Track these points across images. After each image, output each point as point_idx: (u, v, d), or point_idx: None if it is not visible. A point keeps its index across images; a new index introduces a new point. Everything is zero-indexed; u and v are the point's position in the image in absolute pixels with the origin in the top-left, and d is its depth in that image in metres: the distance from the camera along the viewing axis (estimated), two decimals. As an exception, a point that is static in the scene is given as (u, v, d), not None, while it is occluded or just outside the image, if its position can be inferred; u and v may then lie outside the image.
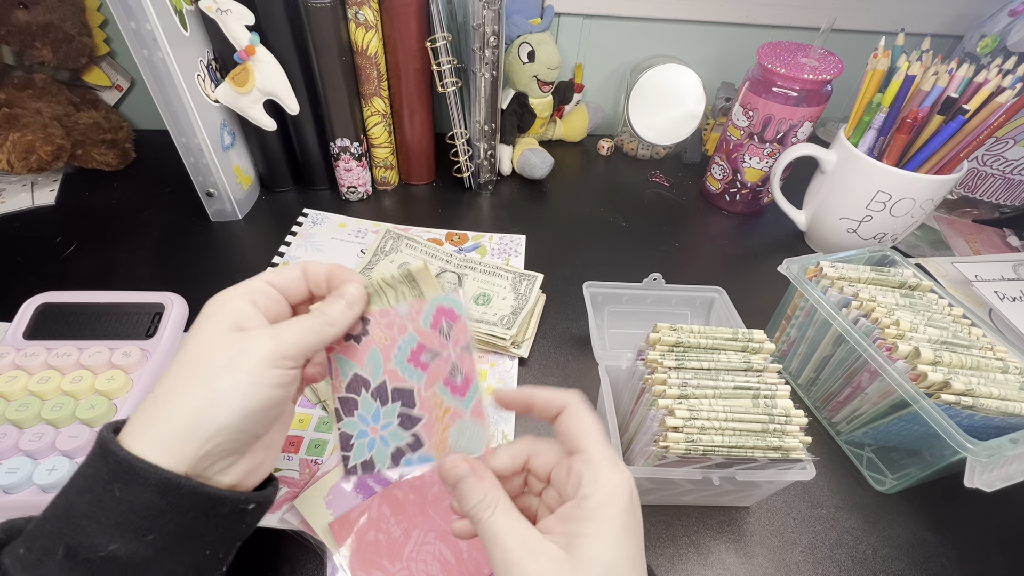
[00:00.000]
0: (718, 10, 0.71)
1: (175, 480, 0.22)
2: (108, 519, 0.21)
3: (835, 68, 0.57)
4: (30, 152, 0.58)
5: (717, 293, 0.48)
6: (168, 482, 0.22)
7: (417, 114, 0.63)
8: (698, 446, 0.31)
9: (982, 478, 0.33)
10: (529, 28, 0.66)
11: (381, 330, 0.34)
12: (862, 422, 0.42)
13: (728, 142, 0.65)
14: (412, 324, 0.34)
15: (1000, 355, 0.38)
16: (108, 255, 0.57)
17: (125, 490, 0.21)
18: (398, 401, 0.32)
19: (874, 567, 0.38)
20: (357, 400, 0.32)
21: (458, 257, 0.57)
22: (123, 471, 0.22)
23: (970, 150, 0.50)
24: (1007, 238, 0.68)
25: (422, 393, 0.32)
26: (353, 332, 0.32)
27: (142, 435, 0.23)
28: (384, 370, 0.32)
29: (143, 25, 0.46)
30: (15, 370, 0.41)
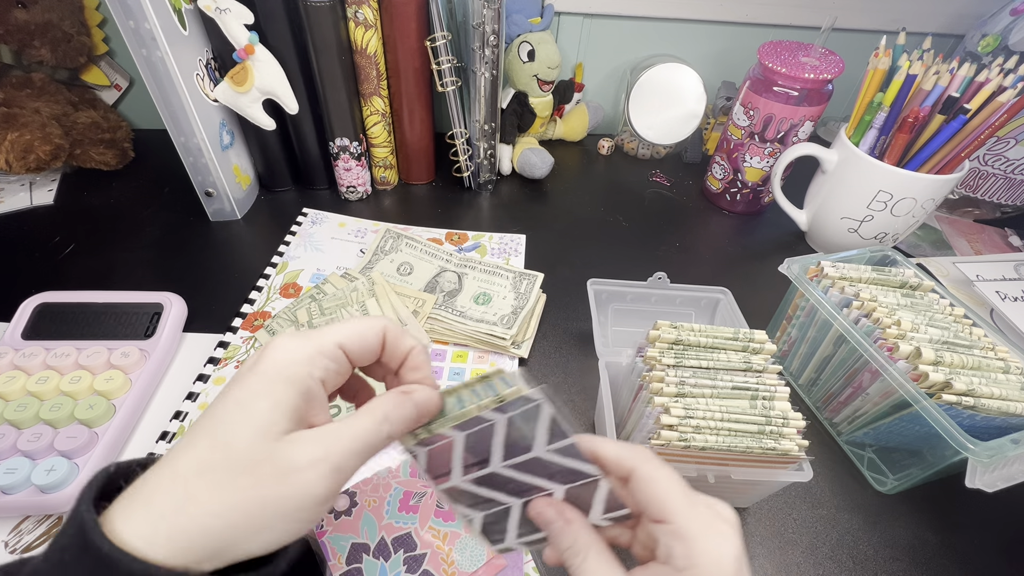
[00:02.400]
0: (719, 9, 0.71)
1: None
2: None
3: (836, 67, 0.56)
4: (28, 152, 0.58)
5: (722, 294, 0.48)
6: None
7: (417, 113, 0.63)
8: (692, 445, 0.31)
9: (983, 478, 0.33)
10: (529, 27, 0.66)
11: (367, 495, 0.37)
12: (863, 422, 0.42)
13: (729, 142, 0.65)
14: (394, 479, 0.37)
15: (1001, 355, 0.38)
16: (107, 255, 0.56)
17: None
18: (400, 549, 0.35)
19: (875, 567, 0.38)
20: (361, 568, 0.34)
21: (458, 256, 0.57)
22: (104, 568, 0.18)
23: (971, 150, 0.49)
24: (1008, 238, 0.67)
25: (419, 532, 0.35)
26: (341, 508, 0.34)
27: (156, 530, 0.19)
28: (379, 528, 0.36)
29: (142, 24, 0.46)
30: (13, 370, 0.41)
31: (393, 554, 0.35)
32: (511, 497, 0.26)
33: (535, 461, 0.25)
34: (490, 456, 0.26)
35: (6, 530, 0.35)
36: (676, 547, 0.21)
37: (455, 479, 0.27)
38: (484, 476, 0.26)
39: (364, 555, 0.35)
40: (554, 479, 0.25)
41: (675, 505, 0.22)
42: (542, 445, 0.25)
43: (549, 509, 0.25)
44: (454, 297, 0.52)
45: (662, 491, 0.23)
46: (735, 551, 0.21)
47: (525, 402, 0.25)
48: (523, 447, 0.25)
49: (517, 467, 0.26)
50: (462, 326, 0.49)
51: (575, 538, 0.24)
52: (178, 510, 0.19)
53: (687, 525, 0.22)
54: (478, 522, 0.28)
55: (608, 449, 0.25)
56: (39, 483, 0.35)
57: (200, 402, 0.43)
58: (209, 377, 0.45)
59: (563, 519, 0.24)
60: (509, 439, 0.26)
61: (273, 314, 0.50)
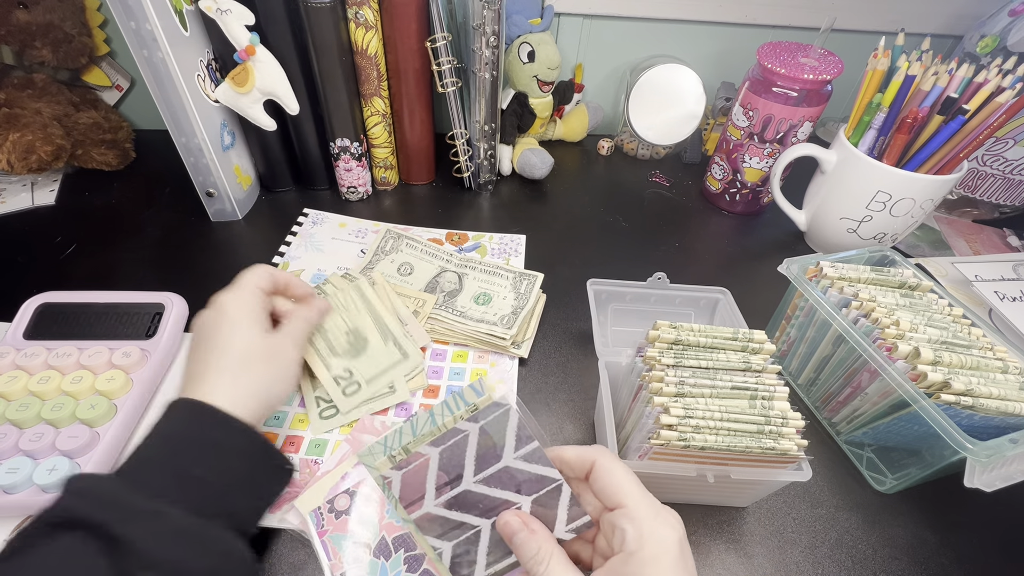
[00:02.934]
0: (718, 10, 0.71)
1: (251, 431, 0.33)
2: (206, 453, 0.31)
3: (835, 68, 0.57)
4: (30, 152, 0.58)
5: (722, 294, 0.48)
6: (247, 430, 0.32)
7: (417, 114, 0.63)
8: (691, 444, 0.32)
9: (982, 478, 0.33)
10: (529, 28, 0.66)
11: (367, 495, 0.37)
12: (862, 422, 0.42)
13: (728, 142, 0.65)
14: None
15: (1000, 355, 0.38)
16: (108, 255, 0.57)
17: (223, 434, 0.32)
18: (400, 549, 0.35)
19: (874, 567, 0.38)
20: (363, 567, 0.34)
21: (458, 257, 0.57)
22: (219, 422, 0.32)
23: (970, 150, 0.50)
24: (1007, 238, 0.68)
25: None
26: (341, 508, 0.35)
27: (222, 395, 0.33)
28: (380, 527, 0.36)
29: (143, 25, 0.46)
30: (15, 370, 0.41)
31: (394, 553, 0.35)
32: (480, 518, 0.28)
33: (505, 472, 0.27)
34: (463, 471, 0.28)
35: (8, 530, 0.35)
36: (629, 529, 0.24)
37: (428, 504, 0.29)
38: (456, 496, 0.28)
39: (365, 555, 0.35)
40: (521, 490, 0.27)
41: (628, 490, 0.25)
42: (511, 452, 0.27)
43: (514, 519, 0.27)
44: (454, 297, 0.52)
45: (618, 479, 0.26)
46: (678, 534, 0.25)
47: (496, 408, 0.27)
48: (494, 455, 0.28)
49: (488, 481, 0.28)
50: (462, 326, 0.49)
51: (539, 546, 0.26)
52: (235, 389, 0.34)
53: (638, 508, 0.25)
54: (448, 555, 0.29)
55: (569, 452, 0.28)
56: (41, 483, 0.35)
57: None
58: (210, 377, 0.45)
59: (528, 529, 0.26)
60: (481, 448, 0.28)
61: (274, 314, 0.50)
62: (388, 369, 0.45)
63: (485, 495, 0.28)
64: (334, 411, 0.43)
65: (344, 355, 0.44)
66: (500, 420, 0.27)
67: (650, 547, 0.24)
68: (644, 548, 0.24)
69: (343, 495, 0.36)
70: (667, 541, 0.24)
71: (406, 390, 0.44)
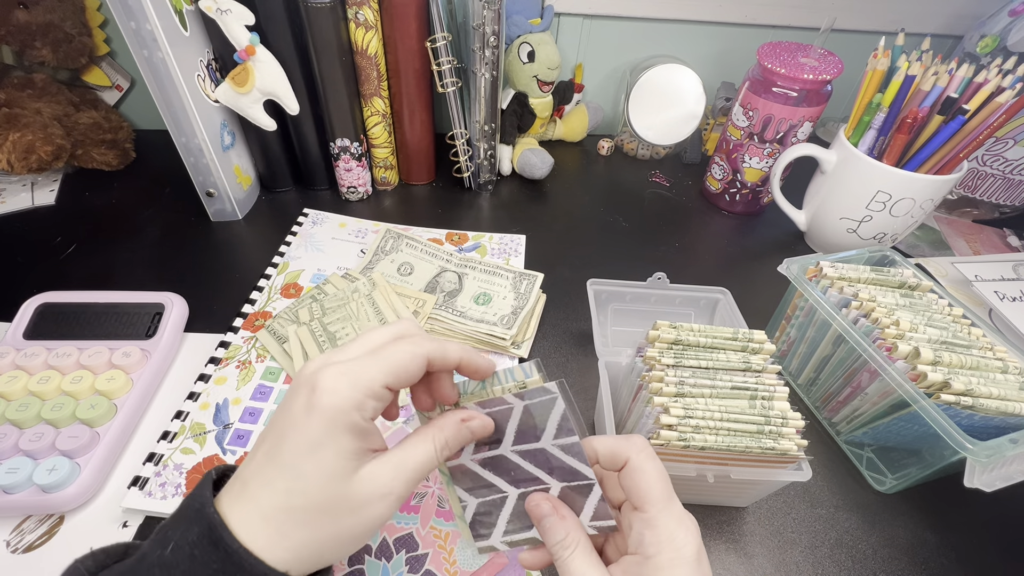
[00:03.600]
0: (718, 10, 0.71)
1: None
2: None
3: (835, 68, 0.57)
4: (30, 152, 0.58)
5: (722, 294, 0.48)
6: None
7: (417, 114, 0.63)
8: (691, 444, 0.32)
9: (982, 478, 0.33)
10: (529, 28, 0.66)
11: None
12: (862, 422, 0.42)
13: (728, 142, 0.65)
14: None
15: (1000, 355, 0.38)
16: (108, 255, 0.57)
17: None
18: (402, 550, 0.35)
19: (874, 567, 0.38)
20: (363, 569, 0.35)
21: (458, 256, 0.57)
22: (232, 564, 0.21)
23: (970, 150, 0.50)
24: (1007, 238, 0.68)
25: (420, 532, 0.36)
26: None
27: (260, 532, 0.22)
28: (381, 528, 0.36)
29: (143, 25, 0.46)
30: (15, 370, 0.41)
31: (395, 554, 0.35)
32: (509, 486, 0.28)
33: (541, 452, 0.27)
34: (503, 438, 0.28)
35: (8, 529, 0.36)
36: (647, 535, 0.24)
37: (465, 456, 0.29)
38: (492, 458, 0.28)
39: (366, 556, 0.35)
40: (554, 474, 0.27)
41: (654, 496, 0.25)
42: (550, 437, 0.27)
43: (546, 503, 0.26)
44: (454, 297, 0.52)
45: (647, 482, 0.25)
46: (697, 543, 0.24)
47: (543, 392, 0.27)
48: (533, 436, 0.27)
49: (524, 454, 0.27)
50: (462, 326, 0.49)
51: (567, 532, 0.25)
52: (275, 545, 0.22)
53: (659, 516, 0.24)
54: (471, 510, 0.29)
55: (604, 443, 0.27)
56: (41, 483, 0.35)
57: (201, 402, 0.43)
58: (210, 377, 0.45)
59: (558, 514, 0.26)
60: (522, 425, 0.27)
61: (274, 314, 0.50)
62: None
63: (519, 465, 0.28)
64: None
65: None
66: (545, 405, 0.27)
67: (667, 553, 0.24)
68: (662, 554, 0.24)
69: None
70: (685, 549, 0.24)
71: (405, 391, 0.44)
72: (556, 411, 0.27)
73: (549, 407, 0.27)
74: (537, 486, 0.27)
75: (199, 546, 0.22)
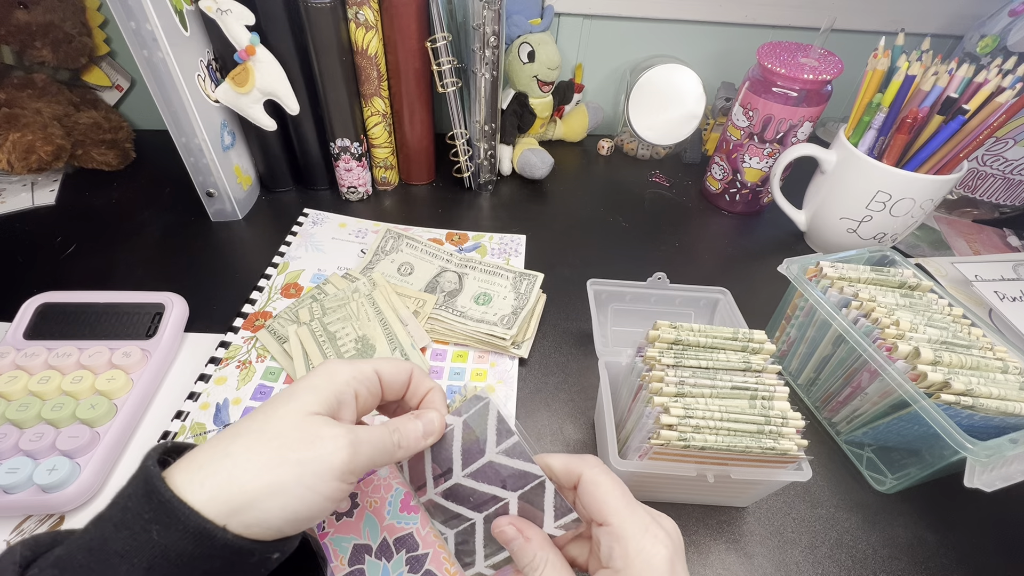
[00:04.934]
0: (718, 10, 0.71)
1: (211, 530, 0.21)
2: (141, 561, 0.20)
3: (835, 68, 0.57)
4: (30, 152, 0.58)
5: (722, 294, 0.48)
6: (204, 531, 0.21)
7: (417, 114, 0.63)
8: (691, 444, 0.32)
9: (982, 478, 0.33)
10: (529, 28, 0.66)
11: (368, 496, 0.38)
12: (862, 422, 0.42)
13: (728, 142, 0.65)
14: (395, 480, 0.38)
15: (1000, 355, 0.38)
16: (108, 255, 0.57)
17: (163, 533, 0.20)
18: (402, 550, 0.35)
19: (874, 567, 0.38)
20: (363, 569, 0.35)
21: (458, 256, 0.57)
22: (164, 513, 0.21)
23: (970, 150, 0.50)
24: (1007, 238, 0.68)
25: (420, 532, 0.36)
26: (342, 510, 0.35)
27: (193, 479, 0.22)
28: (381, 528, 0.36)
29: (143, 25, 0.46)
30: (15, 370, 0.41)
31: (395, 554, 0.35)
32: (473, 512, 0.29)
33: (489, 467, 0.28)
34: (452, 464, 0.29)
35: (8, 529, 0.36)
36: (615, 548, 0.23)
37: (429, 491, 0.30)
38: (449, 489, 0.29)
39: (366, 556, 0.35)
40: (507, 486, 0.27)
41: (614, 507, 0.24)
42: (492, 446, 0.27)
43: (510, 527, 0.26)
44: (455, 297, 0.52)
45: (603, 494, 0.25)
46: (667, 552, 0.23)
47: (476, 401, 0.28)
48: (478, 450, 0.28)
49: (475, 475, 0.28)
50: (462, 326, 0.49)
51: (534, 553, 0.25)
52: (216, 465, 0.22)
53: (624, 526, 0.24)
54: (451, 541, 0.30)
55: (556, 461, 0.27)
56: (41, 483, 0.35)
57: (201, 402, 0.43)
58: (210, 377, 0.45)
59: (523, 536, 0.26)
60: (466, 442, 0.28)
61: (274, 314, 0.50)
62: None
63: (474, 490, 0.28)
64: None
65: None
66: (480, 413, 0.28)
67: (637, 566, 0.23)
68: (631, 567, 0.23)
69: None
70: (655, 559, 0.23)
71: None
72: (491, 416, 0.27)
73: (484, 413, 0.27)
74: (496, 505, 0.28)
75: (133, 498, 0.21)
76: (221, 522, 0.21)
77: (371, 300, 0.50)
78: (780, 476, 0.34)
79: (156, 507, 0.21)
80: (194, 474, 0.22)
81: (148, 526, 0.21)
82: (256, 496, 0.22)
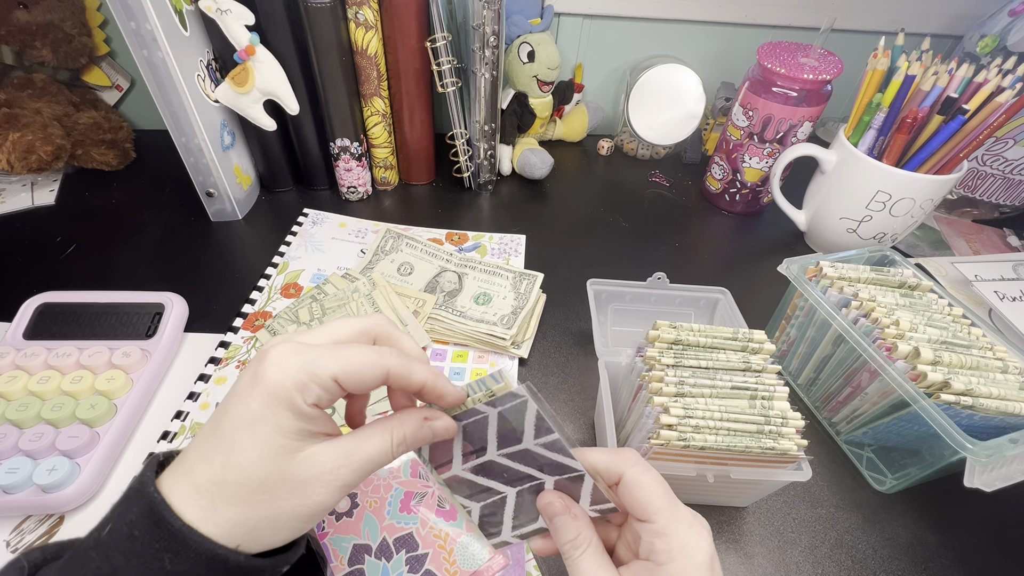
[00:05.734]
0: (718, 10, 0.71)
1: (223, 555, 0.21)
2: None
3: (835, 68, 0.57)
4: (30, 152, 0.58)
5: (722, 294, 0.48)
6: (217, 557, 0.21)
7: (417, 114, 0.63)
8: (691, 444, 0.32)
9: (982, 478, 0.33)
10: (529, 28, 0.66)
11: (368, 496, 0.38)
12: (862, 422, 0.42)
13: (728, 142, 0.65)
14: (395, 480, 0.38)
15: (1000, 355, 0.38)
16: (108, 255, 0.57)
17: (175, 561, 0.21)
18: (402, 550, 0.35)
19: (874, 567, 0.38)
20: (363, 569, 0.35)
21: (458, 256, 0.57)
22: (176, 543, 0.21)
23: (970, 150, 0.50)
24: (1007, 238, 0.68)
25: (420, 532, 0.36)
26: (342, 510, 0.35)
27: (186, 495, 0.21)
28: (381, 528, 0.36)
29: (143, 25, 0.46)
30: (15, 370, 0.41)
31: (395, 554, 0.35)
32: (506, 486, 0.28)
33: (526, 452, 0.27)
34: (487, 444, 0.28)
35: (8, 529, 0.36)
36: (657, 543, 0.24)
37: (456, 468, 0.29)
38: (481, 464, 0.28)
39: (366, 556, 0.35)
40: (544, 471, 0.27)
41: (658, 506, 0.24)
42: (531, 439, 0.27)
43: (559, 501, 0.26)
44: (454, 297, 0.52)
45: (646, 494, 0.25)
46: (710, 548, 0.24)
47: (513, 398, 0.27)
48: (515, 439, 0.27)
49: (510, 456, 0.28)
50: (462, 326, 0.49)
51: (579, 532, 0.25)
52: (205, 519, 0.21)
53: (668, 524, 0.24)
54: (476, 513, 0.29)
55: (597, 458, 0.26)
56: (41, 483, 0.35)
57: (201, 402, 0.43)
58: (210, 377, 0.45)
59: (570, 513, 0.26)
60: (502, 430, 0.27)
61: (274, 314, 0.50)
62: None
63: (509, 466, 0.28)
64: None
65: None
66: (518, 409, 0.27)
67: (680, 561, 0.23)
68: (674, 561, 0.23)
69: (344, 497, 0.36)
70: (698, 555, 0.23)
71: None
72: (530, 413, 0.27)
73: (522, 410, 0.27)
74: (532, 483, 0.28)
75: (139, 526, 0.21)
76: (233, 544, 0.21)
77: (371, 300, 0.50)
78: (780, 476, 0.34)
79: (167, 537, 0.21)
80: (193, 502, 0.21)
81: (160, 555, 0.21)
82: (256, 540, 0.22)
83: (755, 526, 0.39)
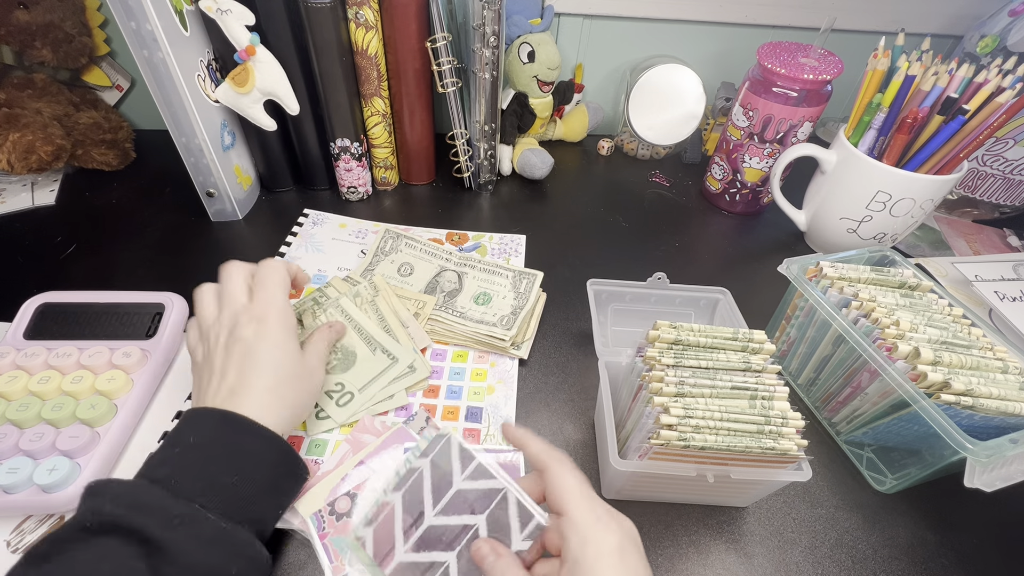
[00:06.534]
0: (718, 10, 0.71)
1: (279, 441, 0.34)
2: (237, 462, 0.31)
3: (835, 68, 0.57)
4: (30, 152, 0.58)
5: (722, 294, 0.48)
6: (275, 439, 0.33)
7: (417, 114, 0.63)
8: (691, 444, 0.32)
9: (982, 478, 0.33)
10: (529, 28, 0.66)
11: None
12: (862, 422, 0.42)
13: (728, 142, 0.65)
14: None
15: (1000, 355, 0.38)
16: (108, 255, 0.57)
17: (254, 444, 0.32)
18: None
19: (874, 567, 0.38)
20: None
21: (458, 255, 0.57)
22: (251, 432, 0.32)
23: (970, 150, 0.50)
24: (1007, 238, 0.68)
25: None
26: (342, 511, 0.36)
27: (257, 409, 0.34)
28: None
29: (143, 25, 0.46)
30: (15, 370, 0.41)
31: None
32: (446, 552, 0.30)
33: (457, 496, 0.30)
34: (424, 507, 0.30)
35: (8, 529, 0.36)
36: (571, 537, 0.25)
37: (399, 551, 0.30)
38: (422, 536, 0.30)
39: None
40: (475, 510, 0.29)
41: (572, 498, 0.27)
42: (459, 475, 0.30)
43: (485, 545, 0.28)
44: (454, 297, 0.52)
45: (564, 485, 0.27)
46: (616, 539, 0.25)
47: (438, 440, 0.30)
48: (447, 484, 0.30)
49: (446, 510, 0.30)
50: (462, 327, 0.49)
51: (505, 568, 0.27)
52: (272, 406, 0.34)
53: (578, 516, 0.26)
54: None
55: (532, 446, 0.30)
56: (41, 483, 0.35)
57: (201, 402, 0.43)
58: (210, 377, 0.45)
59: (495, 553, 0.28)
60: (435, 479, 0.30)
61: (274, 314, 0.50)
62: (379, 375, 0.45)
63: (446, 526, 0.30)
64: (349, 396, 0.43)
65: (334, 372, 0.45)
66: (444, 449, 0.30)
67: (590, 555, 0.25)
68: (585, 557, 0.25)
69: (343, 497, 0.36)
70: (605, 545, 0.25)
71: (404, 394, 0.44)
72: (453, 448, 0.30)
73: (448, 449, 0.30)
74: (467, 535, 0.29)
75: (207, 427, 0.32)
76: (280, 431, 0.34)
77: (374, 306, 0.50)
78: (780, 476, 0.34)
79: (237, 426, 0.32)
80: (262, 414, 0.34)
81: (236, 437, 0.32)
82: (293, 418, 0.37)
83: (755, 526, 0.39)
